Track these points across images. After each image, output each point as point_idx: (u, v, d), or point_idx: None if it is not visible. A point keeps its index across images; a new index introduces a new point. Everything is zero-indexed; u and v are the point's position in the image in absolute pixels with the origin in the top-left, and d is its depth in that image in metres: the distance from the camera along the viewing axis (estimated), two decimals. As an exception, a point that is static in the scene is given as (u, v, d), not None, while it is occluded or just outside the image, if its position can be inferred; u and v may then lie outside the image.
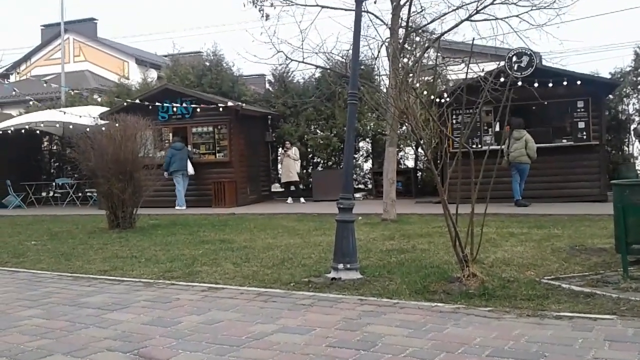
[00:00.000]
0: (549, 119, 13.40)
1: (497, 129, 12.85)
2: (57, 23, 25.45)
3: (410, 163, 18.16)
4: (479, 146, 13.02)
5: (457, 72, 12.77)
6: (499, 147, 10.10)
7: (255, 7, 10.52)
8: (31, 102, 20.51)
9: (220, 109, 14.88)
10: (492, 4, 10.35)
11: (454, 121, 12.50)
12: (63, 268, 6.77)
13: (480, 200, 5.22)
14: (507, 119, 10.36)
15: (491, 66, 12.16)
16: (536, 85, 11.89)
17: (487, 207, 5.26)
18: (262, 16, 10.51)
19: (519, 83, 11.36)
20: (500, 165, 11.08)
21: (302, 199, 15.92)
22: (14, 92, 19.90)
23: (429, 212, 11.13)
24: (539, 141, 12.32)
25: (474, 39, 7.95)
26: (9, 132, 16.48)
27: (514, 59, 12.26)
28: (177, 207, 14.50)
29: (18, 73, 32.97)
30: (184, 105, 15.24)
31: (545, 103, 12.52)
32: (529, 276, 5.30)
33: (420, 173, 17.56)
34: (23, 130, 16.86)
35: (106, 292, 5.35)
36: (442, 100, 10.61)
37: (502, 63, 12.31)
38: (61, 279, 6.13)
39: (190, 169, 14.91)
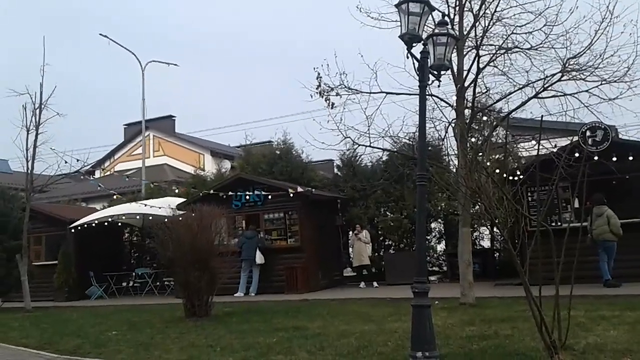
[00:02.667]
0: (632, 193, 12.74)
1: (577, 205, 12.34)
2: (139, 122, 27.29)
3: (486, 243, 17.58)
4: (559, 224, 12.48)
5: (528, 149, 12.57)
6: (580, 224, 9.64)
7: (322, 97, 10.89)
8: (115, 197, 21.76)
9: (291, 195, 15.18)
10: (559, 81, 10.30)
11: (530, 199, 12.13)
12: (142, 358, 6.87)
13: (565, 282, 4.95)
14: (587, 195, 9.95)
15: (564, 142, 11.87)
16: (614, 159, 11.45)
17: (572, 289, 4.98)
18: (329, 105, 10.85)
19: (595, 158, 10.99)
20: (585, 243, 10.53)
21: (375, 283, 15.64)
22: (98, 188, 21.24)
23: (510, 294, 10.59)
24: (624, 217, 11.66)
25: (542, 116, 7.88)
26: (93, 225, 17.41)
27: (588, 133, 11.95)
28: (235, 295, 14.56)
29: (103, 169, 35.25)
30: (256, 193, 15.68)
31: (627, 177, 11.97)
32: (627, 364, 4.88)
33: (497, 253, 16.95)
34: (106, 223, 17.79)
35: (183, 383, 5.34)
36: (515, 178, 10.39)
37: (575, 138, 12.01)
38: (140, 370, 6.20)
39: (259, 259, 15.08)
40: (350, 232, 17.33)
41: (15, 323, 11.59)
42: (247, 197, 15.71)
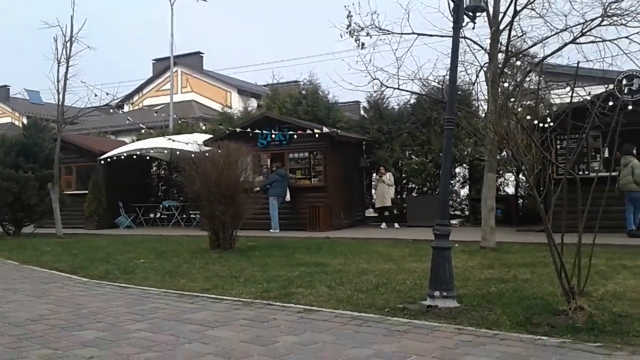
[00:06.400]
0: (665, 145, 12.43)
1: (606, 154, 12.11)
2: (167, 57, 27.22)
3: (510, 190, 17.51)
4: (586, 173, 12.32)
5: (561, 95, 12.24)
6: (609, 174, 9.51)
7: (352, 37, 10.68)
8: (143, 130, 22.06)
9: (316, 136, 15.18)
10: (598, 25, 9.89)
11: (559, 147, 11.94)
12: (168, 285, 7.14)
13: (588, 230, 4.93)
14: (618, 144, 9.75)
15: (599, 89, 11.53)
16: (650, 108, 11.11)
17: (595, 237, 4.97)
18: (358, 46, 10.64)
19: (630, 107, 10.68)
20: (613, 193, 10.39)
21: (396, 224, 15.79)
22: (127, 121, 21.53)
23: (531, 240, 10.64)
24: (654, 168, 11.43)
25: (579, 62, 7.62)
26: (122, 157, 17.76)
27: (624, 81, 11.56)
28: (271, 231, 14.87)
29: (132, 103, 35.55)
30: (282, 132, 15.73)
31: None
32: (644, 312, 4.92)
33: (521, 200, 16.88)
34: (135, 156, 18.12)
35: (208, 310, 5.58)
36: (546, 125, 10.19)
37: (611, 86, 11.64)
38: (167, 296, 6.47)
39: (288, 196, 15.32)
40: (374, 174, 17.37)
41: (47, 248, 12.09)
42: (273, 135, 15.79)
